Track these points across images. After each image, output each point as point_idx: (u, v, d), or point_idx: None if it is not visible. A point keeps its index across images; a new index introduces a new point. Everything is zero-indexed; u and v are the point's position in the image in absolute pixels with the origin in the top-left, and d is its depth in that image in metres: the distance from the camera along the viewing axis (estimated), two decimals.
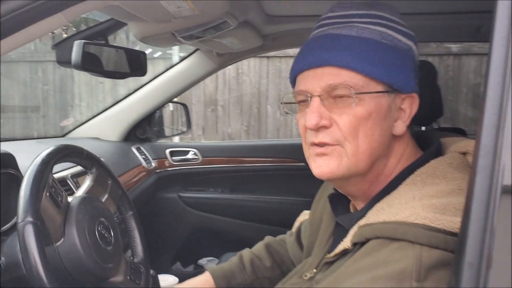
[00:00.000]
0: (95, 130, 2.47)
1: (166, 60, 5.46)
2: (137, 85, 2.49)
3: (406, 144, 0.99)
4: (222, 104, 5.58)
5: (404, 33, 0.96)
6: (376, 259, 0.80)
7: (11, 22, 0.74)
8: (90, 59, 1.53)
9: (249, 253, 1.47)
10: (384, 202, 0.90)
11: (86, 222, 1.11)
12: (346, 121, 0.91)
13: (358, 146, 0.92)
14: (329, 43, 0.93)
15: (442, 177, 0.89)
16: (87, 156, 1.25)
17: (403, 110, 0.97)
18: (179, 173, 2.67)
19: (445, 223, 0.77)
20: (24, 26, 0.76)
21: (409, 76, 0.95)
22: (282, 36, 2.17)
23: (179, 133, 2.95)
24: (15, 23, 0.74)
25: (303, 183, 2.58)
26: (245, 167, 2.65)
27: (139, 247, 1.38)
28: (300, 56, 0.99)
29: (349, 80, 0.90)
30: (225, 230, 2.65)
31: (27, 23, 0.76)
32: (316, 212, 1.27)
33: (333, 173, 0.94)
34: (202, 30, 1.53)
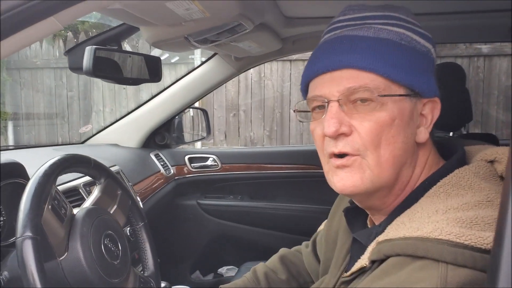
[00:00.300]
0: (114, 136, 2.45)
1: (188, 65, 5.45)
2: (159, 91, 2.47)
3: (429, 152, 0.93)
4: (244, 109, 5.54)
5: (422, 35, 0.91)
6: (396, 279, 0.73)
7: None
8: (102, 65, 1.50)
9: (263, 266, 1.41)
10: (404, 216, 0.83)
11: (91, 235, 1.07)
12: (367, 128, 0.84)
13: (380, 156, 0.85)
14: (346, 44, 0.87)
15: (468, 187, 0.82)
16: (95, 166, 1.21)
17: (425, 116, 0.90)
18: (198, 180, 2.63)
19: (473, 238, 0.70)
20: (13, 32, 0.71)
21: (430, 79, 0.89)
22: (302, 39, 2.11)
23: (199, 139, 2.92)
24: (3, 29, 0.69)
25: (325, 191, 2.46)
26: (265, 173, 2.59)
27: (149, 260, 1.33)
28: (313, 60, 0.92)
29: (370, 83, 0.84)
30: (245, 238, 2.59)
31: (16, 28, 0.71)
32: (332, 226, 1.20)
33: (356, 187, 0.87)
34: (216, 33, 1.47)
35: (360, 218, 1.03)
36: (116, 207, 1.26)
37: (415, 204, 0.85)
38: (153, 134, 2.51)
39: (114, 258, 1.11)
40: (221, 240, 2.64)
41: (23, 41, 0.76)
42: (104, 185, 1.24)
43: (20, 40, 0.75)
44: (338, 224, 1.15)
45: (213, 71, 2.34)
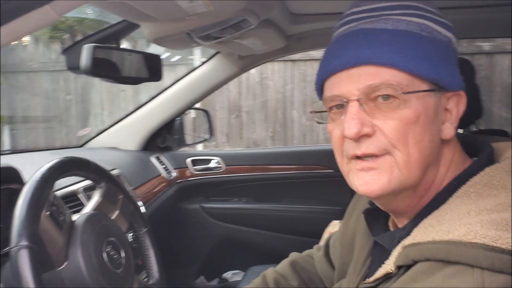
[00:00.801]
0: (113, 139, 2.40)
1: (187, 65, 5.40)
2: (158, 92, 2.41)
3: (455, 149, 0.87)
4: (247, 110, 5.49)
5: (443, 24, 0.85)
6: (428, 286, 0.68)
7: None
8: (101, 64, 1.44)
9: (273, 272, 1.34)
10: (432, 218, 0.78)
11: (92, 242, 1.01)
12: (392, 127, 0.79)
13: (409, 155, 0.79)
14: (363, 39, 0.81)
15: (501, 187, 0.76)
16: (95, 169, 1.15)
17: (449, 110, 0.85)
18: (201, 183, 2.57)
19: (510, 242, 0.64)
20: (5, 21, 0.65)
21: (455, 71, 0.84)
22: (307, 36, 2.06)
23: (201, 141, 2.85)
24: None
25: (332, 191, 2.47)
26: (270, 175, 2.53)
27: (154, 267, 1.27)
28: (328, 57, 0.86)
29: (392, 79, 0.78)
30: (250, 242, 2.54)
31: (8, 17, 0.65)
32: (347, 229, 1.14)
33: (384, 190, 0.81)
34: (220, 29, 1.42)
35: (381, 220, 0.97)
36: (118, 212, 1.19)
37: (443, 205, 0.79)
38: (153, 136, 2.45)
39: (117, 267, 1.05)
40: (226, 244, 2.59)
41: (17, 31, 0.70)
42: (104, 189, 1.18)
43: (13, 30, 0.69)
44: (355, 226, 1.09)
45: (215, 70, 2.28)
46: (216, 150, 3.86)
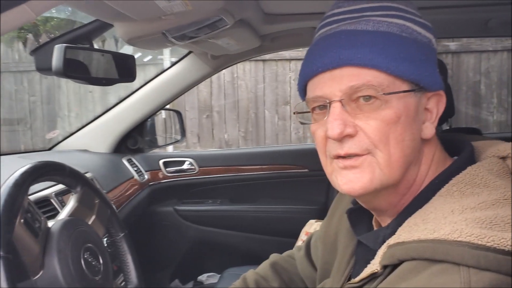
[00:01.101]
0: (83, 142, 2.33)
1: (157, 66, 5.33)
2: (127, 93, 2.35)
3: (435, 148, 0.88)
4: (218, 110, 5.45)
5: (423, 25, 0.86)
6: (414, 285, 0.68)
7: None
8: (73, 65, 1.39)
9: (253, 274, 1.33)
10: (417, 217, 0.78)
11: (69, 250, 0.98)
12: (374, 127, 0.80)
13: (390, 155, 0.80)
14: (345, 40, 0.82)
15: (483, 185, 0.77)
16: (70, 173, 1.11)
17: (429, 110, 0.86)
18: (174, 185, 2.53)
19: (495, 239, 0.65)
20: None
21: (435, 71, 0.84)
22: (280, 36, 2.06)
23: (173, 142, 2.81)
24: None
25: (307, 190, 2.47)
26: (245, 176, 2.52)
27: (132, 272, 1.24)
28: (310, 57, 0.87)
29: (373, 80, 0.79)
30: (226, 244, 2.52)
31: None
32: (330, 228, 1.14)
33: (366, 188, 0.82)
34: (196, 29, 1.40)
35: (365, 220, 0.98)
36: (95, 217, 1.16)
37: (426, 204, 0.80)
38: (124, 138, 2.40)
39: (95, 274, 1.02)
40: (200, 246, 2.56)
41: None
42: (80, 194, 1.14)
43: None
44: (337, 226, 1.09)
45: (187, 70, 2.25)
46: (189, 151, 3.82)
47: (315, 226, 2.06)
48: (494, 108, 5.12)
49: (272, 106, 5.35)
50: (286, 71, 5.26)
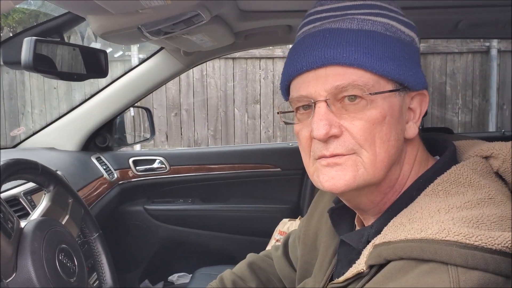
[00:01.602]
0: (50, 140, 2.26)
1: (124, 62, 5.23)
2: (93, 90, 2.29)
3: (417, 148, 0.88)
4: (186, 108, 5.39)
5: (406, 24, 0.86)
6: (403, 285, 0.68)
7: None
8: (43, 59, 1.34)
9: (230, 274, 1.31)
10: (402, 216, 0.78)
11: (43, 251, 0.94)
12: (360, 127, 0.79)
13: (376, 154, 0.80)
14: (330, 38, 0.81)
15: (468, 185, 0.78)
16: (43, 172, 1.07)
17: (413, 110, 0.86)
18: (144, 184, 2.49)
19: (483, 238, 0.66)
20: None
21: (418, 71, 0.85)
22: (254, 34, 2.04)
23: (143, 140, 2.76)
24: None
25: (279, 189, 2.47)
26: (217, 174, 2.49)
27: (107, 273, 1.21)
28: (294, 56, 0.85)
29: (359, 80, 0.79)
30: (197, 244, 2.49)
31: None
32: (309, 228, 1.13)
33: (348, 186, 0.81)
34: (171, 24, 1.36)
35: (347, 219, 0.97)
36: (68, 217, 1.12)
37: (412, 203, 0.80)
38: (93, 135, 2.34)
39: (70, 276, 0.98)
40: (171, 246, 2.52)
41: None
42: (53, 193, 1.10)
43: None
44: (317, 225, 1.09)
45: (159, 66, 2.21)
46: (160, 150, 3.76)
47: (289, 225, 2.06)
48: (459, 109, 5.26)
49: (242, 104, 5.34)
50: (256, 70, 5.25)
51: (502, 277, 0.64)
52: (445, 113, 5.23)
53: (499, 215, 0.70)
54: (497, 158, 0.83)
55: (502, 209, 0.72)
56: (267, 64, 5.21)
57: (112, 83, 2.27)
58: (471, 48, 5.13)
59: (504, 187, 0.80)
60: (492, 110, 5.24)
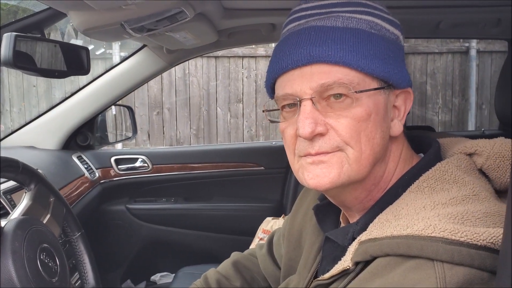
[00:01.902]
0: (29, 138, 2.23)
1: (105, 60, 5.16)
2: (74, 88, 2.26)
3: (402, 145, 0.89)
4: (169, 107, 5.34)
5: (391, 22, 0.86)
6: (390, 281, 0.68)
7: None
8: (24, 55, 1.31)
9: (215, 273, 1.31)
10: (388, 213, 0.79)
11: (24, 250, 0.92)
12: (345, 125, 0.80)
13: (361, 152, 0.80)
14: (315, 36, 0.81)
15: (453, 181, 0.79)
16: (24, 170, 1.04)
17: (397, 107, 0.87)
18: (126, 183, 2.46)
19: (468, 235, 0.66)
20: None
21: (403, 68, 0.85)
22: (238, 32, 2.03)
23: (125, 139, 2.73)
24: None
25: (263, 188, 2.47)
26: (200, 173, 2.48)
27: (89, 273, 1.19)
28: (279, 54, 0.85)
29: (344, 78, 0.79)
30: (180, 243, 2.47)
31: None
32: (294, 225, 1.14)
33: (333, 183, 0.81)
34: (155, 21, 1.35)
35: (331, 216, 0.98)
36: (50, 216, 1.10)
37: (397, 200, 0.81)
38: (74, 134, 2.31)
39: (52, 276, 0.96)
40: (154, 246, 2.50)
41: None
42: (34, 191, 1.08)
43: None
44: (302, 223, 1.09)
45: (141, 64, 2.19)
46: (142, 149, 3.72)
47: (272, 223, 2.06)
48: (439, 108, 5.33)
49: (225, 103, 5.32)
50: (239, 68, 5.24)
51: (487, 273, 0.65)
52: (426, 112, 5.29)
53: (483, 211, 0.71)
54: (480, 155, 0.84)
55: (486, 206, 0.73)
56: (250, 63, 5.20)
57: (94, 81, 2.24)
58: (451, 48, 5.20)
59: (487, 184, 0.82)
60: (471, 109, 5.32)
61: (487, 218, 0.70)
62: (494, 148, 0.83)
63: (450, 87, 5.28)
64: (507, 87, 1.62)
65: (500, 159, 0.82)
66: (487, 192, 0.78)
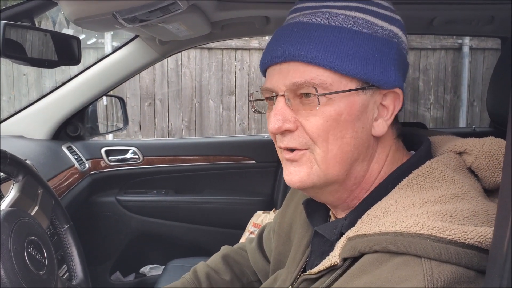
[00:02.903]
0: (19, 128, 2.20)
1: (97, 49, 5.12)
2: (64, 77, 2.24)
3: (390, 146, 0.88)
4: (161, 98, 5.31)
5: (387, 18, 0.84)
6: (377, 277, 0.69)
7: None
8: (13, 44, 1.29)
9: (204, 266, 1.30)
10: (377, 209, 0.79)
11: (11, 243, 0.91)
12: (313, 124, 0.81)
13: (327, 151, 0.81)
14: (296, 34, 0.82)
15: (442, 180, 0.79)
16: (12, 161, 1.03)
17: (386, 107, 0.85)
18: (116, 175, 2.44)
19: (456, 233, 0.67)
20: None
21: (389, 69, 0.83)
22: (231, 24, 2.02)
23: (116, 130, 2.70)
24: None
25: (254, 182, 2.47)
26: (191, 166, 2.47)
27: (78, 266, 1.18)
28: (267, 48, 0.88)
29: (316, 78, 0.79)
30: (170, 235, 2.46)
31: None
32: (284, 220, 1.14)
33: (303, 182, 0.84)
34: (148, 11, 1.33)
35: (321, 211, 0.98)
36: (38, 208, 1.09)
37: (386, 196, 0.81)
38: (64, 124, 2.29)
39: (39, 268, 0.95)
40: (143, 238, 2.49)
41: None
42: (22, 183, 1.06)
43: None
44: (292, 217, 1.10)
45: (133, 55, 2.17)
46: (133, 140, 3.69)
47: (263, 217, 2.06)
48: (431, 105, 5.35)
49: (217, 96, 5.30)
50: (232, 61, 5.22)
51: (473, 272, 0.66)
52: (418, 108, 5.31)
53: (471, 210, 0.72)
54: (470, 154, 0.85)
55: (475, 205, 0.74)
56: (243, 56, 5.18)
57: (85, 70, 2.21)
58: (443, 44, 5.21)
59: (476, 183, 0.82)
60: (463, 106, 5.34)
61: (475, 217, 0.71)
62: (484, 147, 0.84)
63: (442, 84, 5.30)
64: (500, 85, 1.62)
65: (490, 158, 0.83)
66: (475, 191, 0.78)
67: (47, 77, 5.15)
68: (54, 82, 5.03)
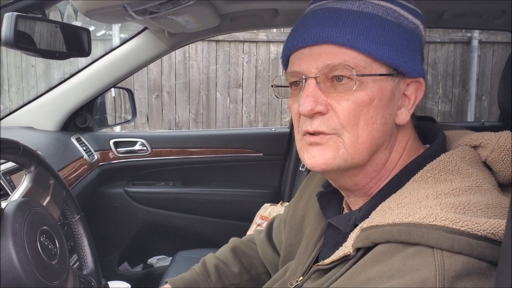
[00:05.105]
0: (28, 119, 2.22)
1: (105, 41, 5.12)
2: (72, 69, 2.25)
3: (409, 135, 0.89)
4: (168, 90, 5.31)
5: (411, 10, 0.86)
6: (389, 267, 0.70)
7: None
8: (24, 36, 1.29)
9: (213, 258, 1.31)
10: (391, 201, 0.80)
11: (25, 232, 0.92)
12: (345, 108, 0.81)
13: (357, 136, 0.82)
14: (328, 18, 0.82)
15: (456, 172, 0.80)
16: (24, 152, 1.04)
17: (408, 96, 0.87)
18: (125, 166, 2.45)
19: (469, 224, 0.67)
20: None
21: (416, 58, 0.85)
22: (240, 16, 2.02)
23: (124, 122, 2.71)
24: None
25: (261, 174, 2.47)
26: (199, 158, 2.48)
27: (88, 256, 1.19)
28: (294, 32, 0.87)
29: (350, 60, 0.80)
30: (177, 227, 2.48)
31: None
32: (297, 211, 1.14)
33: (328, 165, 0.83)
34: (158, 3, 1.34)
35: (334, 203, 0.99)
36: (49, 198, 1.10)
37: (401, 189, 0.82)
38: (73, 116, 2.30)
39: (51, 258, 0.97)
40: (151, 229, 2.51)
41: None
42: (34, 173, 1.07)
43: None
44: (304, 209, 1.10)
45: (142, 47, 2.17)
46: (141, 132, 3.71)
47: (270, 210, 2.07)
48: (439, 99, 5.32)
49: (224, 88, 5.29)
50: (239, 53, 5.21)
51: (485, 263, 0.66)
52: (426, 102, 5.29)
53: (485, 203, 0.72)
54: (485, 148, 0.85)
55: (488, 197, 0.74)
56: (250, 48, 5.17)
57: (94, 62, 2.22)
58: (452, 38, 5.18)
59: (490, 176, 0.82)
60: (471, 100, 5.31)
61: (488, 209, 0.71)
62: (499, 142, 0.84)
63: (450, 77, 5.27)
64: (511, 79, 1.61)
65: (505, 152, 0.83)
66: (490, 184, 0.78)
67: (55, 69, 5.17)
68: (63, 73, 5.04)
